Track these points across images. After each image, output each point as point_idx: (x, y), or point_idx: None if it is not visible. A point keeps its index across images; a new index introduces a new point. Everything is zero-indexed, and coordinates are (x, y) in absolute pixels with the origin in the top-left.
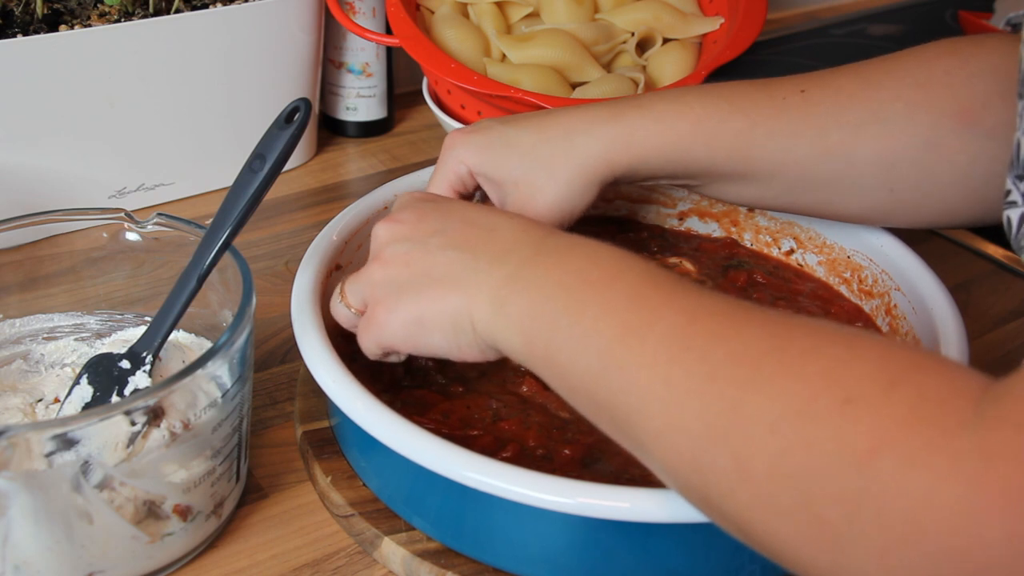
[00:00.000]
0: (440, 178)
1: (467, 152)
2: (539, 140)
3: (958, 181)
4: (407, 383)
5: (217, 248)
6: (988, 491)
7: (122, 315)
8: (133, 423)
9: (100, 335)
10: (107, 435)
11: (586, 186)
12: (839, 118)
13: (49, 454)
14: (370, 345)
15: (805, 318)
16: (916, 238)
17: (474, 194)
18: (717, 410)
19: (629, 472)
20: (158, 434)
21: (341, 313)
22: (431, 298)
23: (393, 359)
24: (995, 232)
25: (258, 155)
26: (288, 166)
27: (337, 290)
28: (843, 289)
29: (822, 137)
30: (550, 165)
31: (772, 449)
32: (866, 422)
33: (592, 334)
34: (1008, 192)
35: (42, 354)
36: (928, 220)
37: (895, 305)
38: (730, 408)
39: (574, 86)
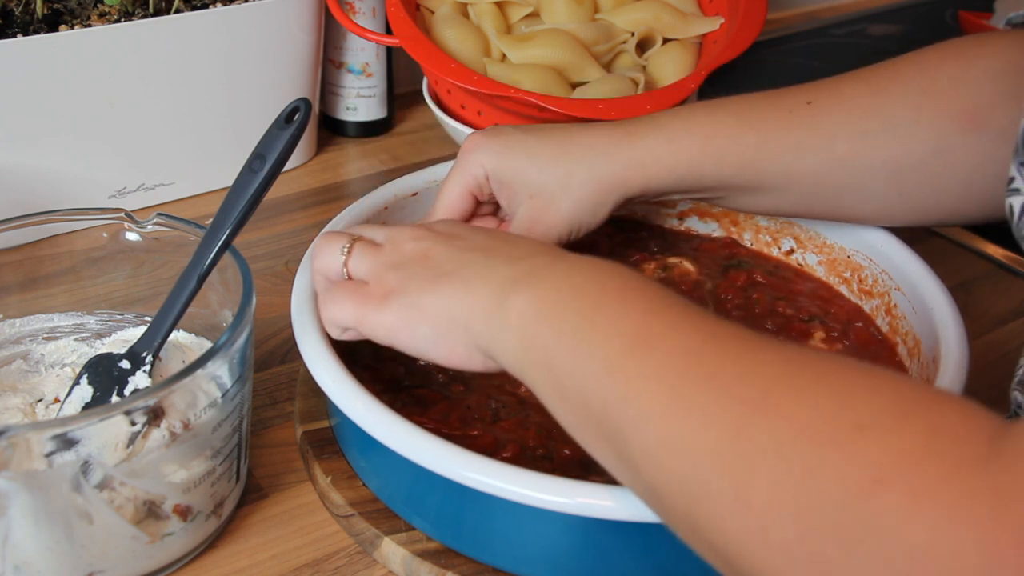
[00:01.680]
0: (456, 178)
1: (487, 156)
2: (559, 155)
3: (969, 182)
4: (407, 383)
5: (217, 248)
6: (1002, 532)
7: (122, 315)
8: (133, 423)
9: (100, 335)
10: (107, 435)
11: (599, 205)
12: (847, 127)
13: (49, 454)
14: (343, 317)
15: (822, 351)
16: (916, 238)
17: (486, 202)
18: (720, 428)
19: None
20: (158, 434)
21: (333, 266)
22: (434, 288)
23: (349, 335)
24: (995, 232)
25: (258, 155)
26: (288, 166)
27: (344, 244)
28: (843, 289)
29: (831, 147)
30: (567, 181)
31: (774, 473)
32: (875, 451)
33: (601, 340)
34: (1012, 179)
35: (42, 354)
36: (939, 218)
37: (895, 305)
38: (734, 428)
39: (574, 86)
